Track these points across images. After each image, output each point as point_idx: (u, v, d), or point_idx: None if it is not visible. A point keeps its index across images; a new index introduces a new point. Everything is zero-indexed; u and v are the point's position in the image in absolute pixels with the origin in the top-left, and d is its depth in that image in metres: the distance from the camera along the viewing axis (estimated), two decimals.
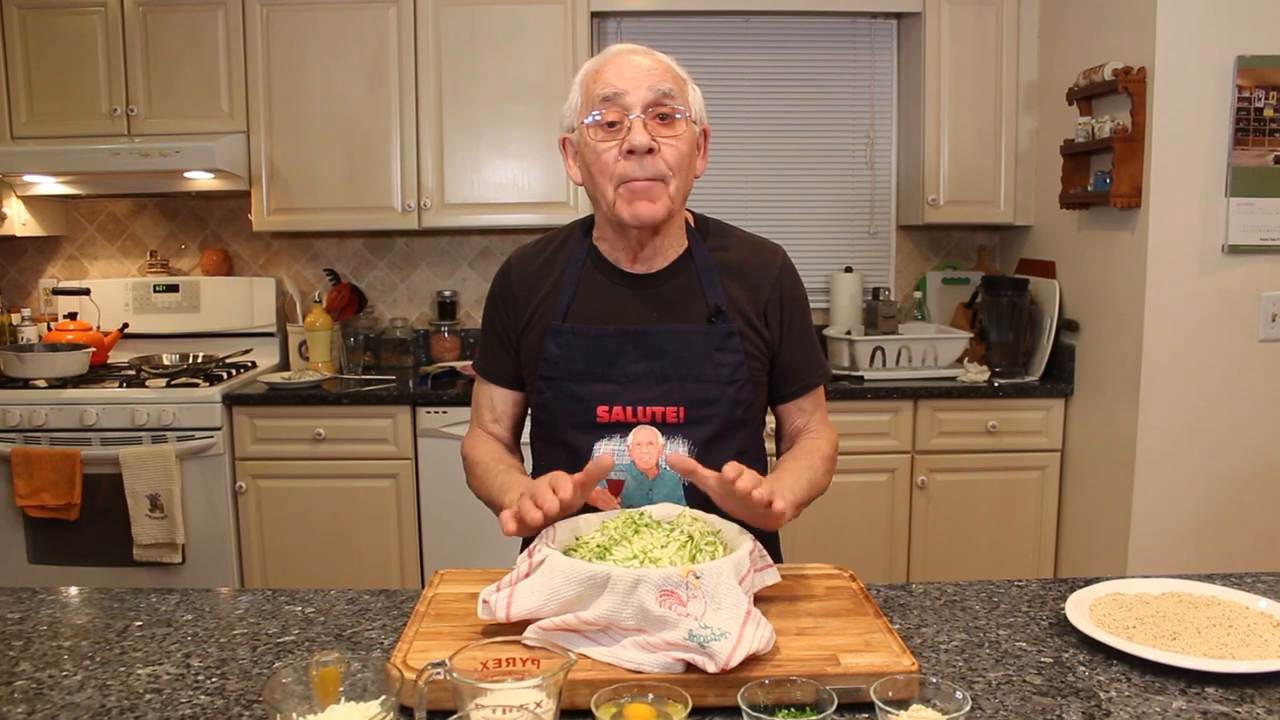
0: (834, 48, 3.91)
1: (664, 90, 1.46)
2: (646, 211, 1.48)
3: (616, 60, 1.49)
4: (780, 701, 1.01)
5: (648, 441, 1.50)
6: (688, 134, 1.50)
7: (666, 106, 1.46)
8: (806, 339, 1.65)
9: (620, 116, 1.46)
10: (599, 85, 1.48)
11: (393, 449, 3.33)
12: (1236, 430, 2.94)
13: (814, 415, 1.67)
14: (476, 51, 3.51)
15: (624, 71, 1.47)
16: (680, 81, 1.51)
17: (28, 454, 3.18)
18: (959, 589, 1.46)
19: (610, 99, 1.46)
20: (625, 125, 1.46)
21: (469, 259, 3.99)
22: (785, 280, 1.63)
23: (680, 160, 1.49)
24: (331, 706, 0.97)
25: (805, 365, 1.65)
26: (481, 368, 1.70)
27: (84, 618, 1.38)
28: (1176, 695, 1.11)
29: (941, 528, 3.42)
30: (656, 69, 1.48)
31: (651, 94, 1.46)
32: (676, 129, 1.48)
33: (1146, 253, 2.88)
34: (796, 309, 1.63)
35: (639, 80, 1.46)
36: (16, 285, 4.00)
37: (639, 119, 1.45)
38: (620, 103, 1.45)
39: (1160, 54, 2.82)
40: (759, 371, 1.60)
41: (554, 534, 1.30)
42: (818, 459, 1.57)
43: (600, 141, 1.47)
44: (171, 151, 3.35)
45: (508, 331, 1.64)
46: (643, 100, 1.45)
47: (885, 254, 4.03)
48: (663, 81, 1.47)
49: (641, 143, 1.44)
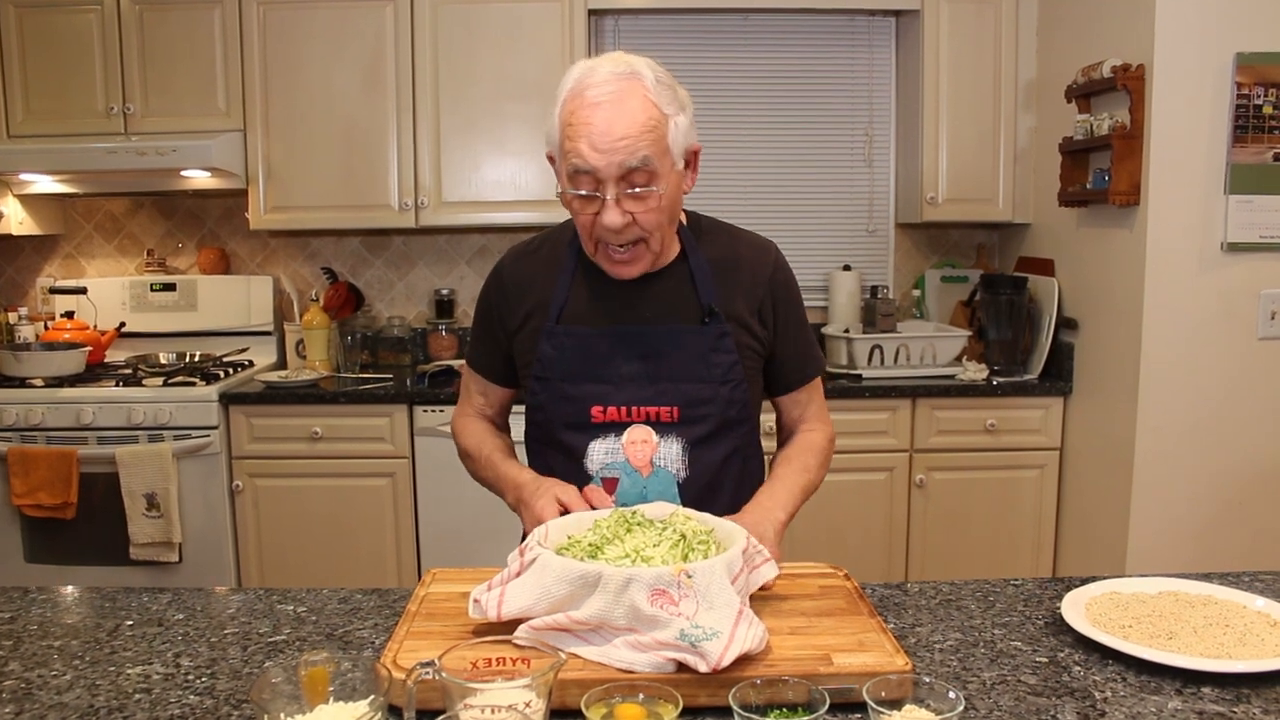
0: (832, 45, 3.90)
1: (636, 164, 1.39)
2: (627, 272, 1.52)
3: (592, 117, 1.40)
4: (772, 701, 1.00)
5: (642, 440, 1.51)
6: (668, 193, 1.45)
7: (641, 177, 1.41)
8: (802, 334, 1.67)
9: (594, 188, 1.42)
10: (572, 154, 1.41)
11: (390, 448, 3.32)
12: (1235, 429, 2.93)
13: (809, 407, 1.70)
14: (474, 50, 3.50)
15: (597, 142, 1.39)
16: (658, 131, 1.41)
17: (24, 453, 3.17)
18: (954, 588, 1.45)
19: (585, 172, 1.41)
20: (599, 200, 1.42)
21: (466, 257, 3.98)
22: (779, 277, 1.63)
23: (659, 218, 1.46)
24: (320, 706, 0.96)
25: (801, 360, 1.67)
26: (474, 360, 1.73)
27: (75, 617, 1.38)
28: (1172, 695, 1.10)
29: (940, 527, 3.41)
30: (631, 134, 1.39)
31: (624, 169, 1.40)
32: (650, 202, 1.43)
33: (1145, 250, 2.87)
34: (790, 305, 1.65)
35: (612, 152, 1.38)
36: (13, 284, 4.00)
37: (612, 198, 1.41)
38: (594, 176, 1.41)
39: (1159, 51, 2.81)
40: (754, 370, 1.61)
41: (546, 532, 1.29)
42: (811, 458, 1.61)
43: (578, 208, 1.46)
44: (168, 150, 3.34)
45: (500, 330, 1.65)
46: (615, 175, 1.40)
47: (884, 252, 4.02)
48: (636, 150, 1.39)
49: (614, 223, 1.42)
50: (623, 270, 1.51)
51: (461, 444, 1.71)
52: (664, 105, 1.43)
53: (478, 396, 1.73)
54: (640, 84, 1.42)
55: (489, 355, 1.69)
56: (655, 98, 1.42)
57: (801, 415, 1.70)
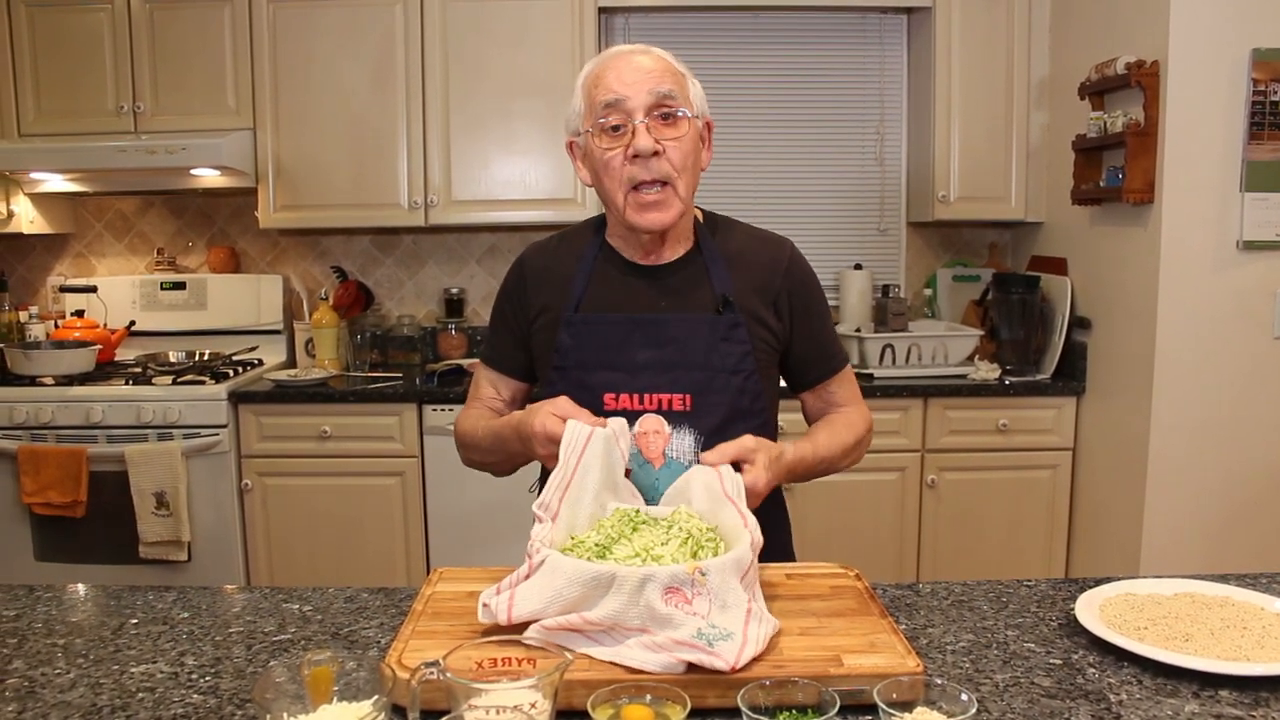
0: (843, 43, 3.89)
1: (665, 91, 1.48)
2: (657, 220, 1.53)
3: (616, 63, 1.51)
4: (781, 703, 0.99)
5: (654, 430, 1.49)
6: (691, 132, 1.52)
7: (668, 106, 1.49)
8: (822, 328, 1.69)
9: (624, 120, 1.49)
10: (600, 90, 1.50)
11: (399, 447, 3.32)
12: (1250, 428, 2.90)
13: (839, 394, 1.71)
14: (483, 48, 3.49)
15: (624, 75, 1.49)
16: (680, 78, 1.53)
17: (34, 451, 3.18)
18: (966, 589, 1.43)
19: (613, 104, 1.48)
20: (629, 129, 1.48)
21: (476, 256, 3.97)
22: (795, 271, 1.65)
23: (685, 159, 1.52)
24: (323, 706, 0.95)
25: (822, 353, 1.68)
26: (488, 356, 1.73)
27: (80, 615, 1.37)
28: (1189, 698, 1.09)
29: (952, 527, 3.39)
30: (656, 69, 1.50)
31: (652, 96, 1.48)
32: (680, 129, 1.50)
33: (1159, 249, 2.85)
34: (808, 299, 1.66)
35: (639, 83, 1.48)
36: (24, 282, 4.01)
37: (642, 123, 1.47)
38: (623, 107, 1.48)
39: (1174, 47, 2.78)
40: (768, 363, 1.62)
41: (551, 514, 1.28)
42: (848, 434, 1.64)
43: (606, 147, 1.50)
44: (178, 149, 3.35)
45: (519, 323, 1.68)
46: (644, 103, 1.48)
47: (895, 251, 4.00)
48: (663, 82, 1.48)
49: (646, 147, 1.47)
50: (654, 216, 1.52)
51: (461, 430, 1.69)
52: (680, 68, 1.55)
53: (487, 389, 1.73)
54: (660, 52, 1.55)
55: (505, 347, 1.70)
56: (673, 62, 1.55)
57: (829, 405, 1.71)
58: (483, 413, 1.70)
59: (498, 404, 1.72)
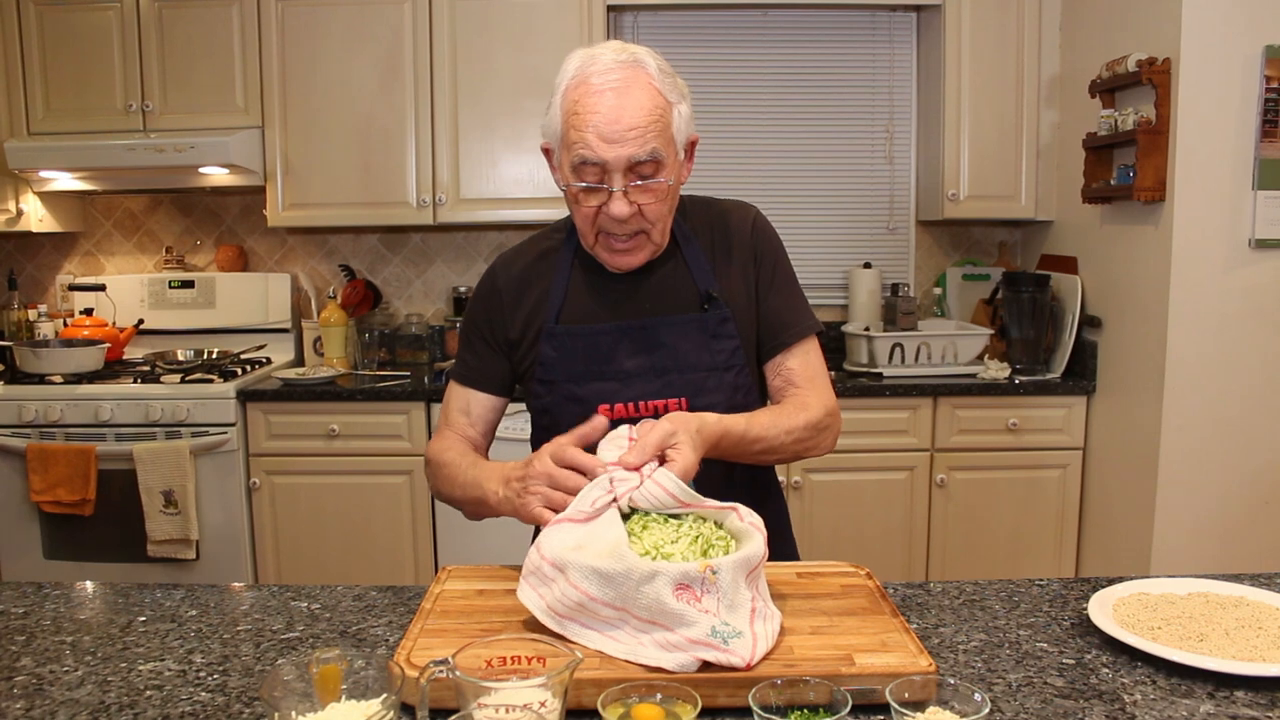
0: (853, 41, 3.87)
1: (647, 155, 1.39)
2: (627, 263, 1.50)
3: (599, 103, 1.38)
4: (793, 702, 0.98)
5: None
6: (672, 185, 1.45)
7: (648, 168, 1.40)
8: (786, 291, 1.60)
9: (600, 178, 1.41)
10: (579, 142, 1.39)
11: (407, 445, 3.31)
12: (1263, 427, 2.88)
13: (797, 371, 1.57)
14: (491, 46, 3.49)
15: (605, 131, 1.37)
16: (664, 119, 1.41)
17: (43, 449, 3.18)
18: (978, 588, 1.42)
19: (592, 163, 1.40)
20: (605, 191, 1.41)
21: (485, 255, 3.97)
22: (758, 237, 1.60)
23: (662, 209, 1.46)
24: (332, 704, 0.94)
25: (786, 318, 1.58)
26: (461, 374, 1.64)
27: (88, 613, 1.37)
28: (1204, 699, 1.07)
29: (961, 526, 3.38)
30: (640, 124, 1.38)
31: (632, 161, 1.39)
32: (657, 191, 1.43)
33: (1171, 247, 2.83)
34: (771, 262, 1.60)
35: (622, 144, 1.38)
36: (33, 281, 4.01)
37: (620, 190, 1.40)
38: (601, 168, 1.40)
39: (1185, 44, 2.77)
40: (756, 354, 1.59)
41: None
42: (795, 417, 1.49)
43: (580, 193, 1.43)
44: (187, 147, 3.36)
45: (495, 338, 1.61)
46: (623, 166, 1.39)
47: (904, 250, 3.98)
48: (646, 142, 1.38)
49: (622, 213, 1.42)
50: (624, 260, 1.49)
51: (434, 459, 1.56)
52: (668, 94, 1.43)
53: (459, 415, 1.62)
54: (644, 72, 1.42)
55: (480, 363, 1.62)
56: (659, 85, 1.42)
57: (788, 382, 1.56)
58: (452, 443, 1.58)
59: (469, 431, 1.62)
